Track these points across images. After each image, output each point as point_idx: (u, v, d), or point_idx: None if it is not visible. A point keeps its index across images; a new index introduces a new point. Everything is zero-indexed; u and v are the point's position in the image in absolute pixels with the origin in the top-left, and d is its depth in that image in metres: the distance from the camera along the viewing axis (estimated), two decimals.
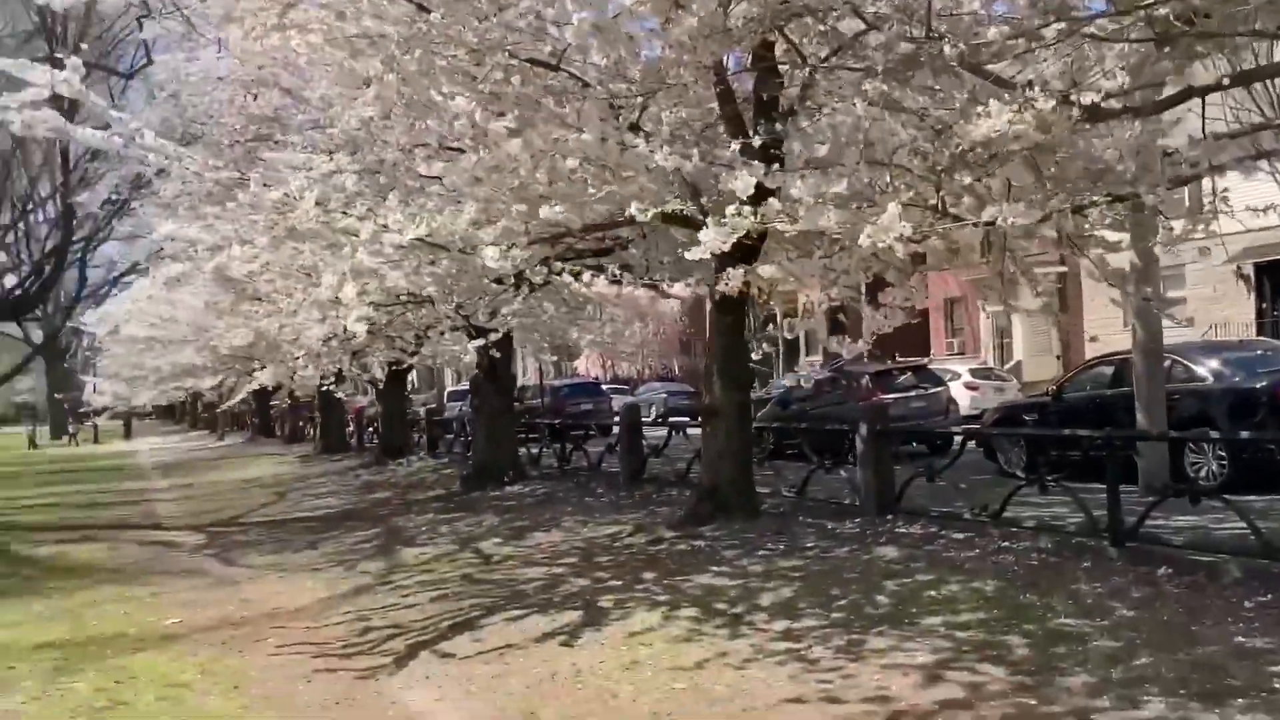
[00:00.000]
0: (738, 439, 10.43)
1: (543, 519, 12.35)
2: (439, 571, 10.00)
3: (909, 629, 6.45)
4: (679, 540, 9.77)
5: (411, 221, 8.47)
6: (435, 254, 10.36)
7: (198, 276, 13.24)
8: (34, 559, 13.15)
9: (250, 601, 9.56)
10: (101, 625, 8.71)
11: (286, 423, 36.06)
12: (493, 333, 11.77)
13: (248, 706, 6.10)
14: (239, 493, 20.69)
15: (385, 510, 15.23)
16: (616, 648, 6.75)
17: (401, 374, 22.41)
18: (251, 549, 12.99)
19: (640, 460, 14.41)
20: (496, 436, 16.27)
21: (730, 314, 10.38)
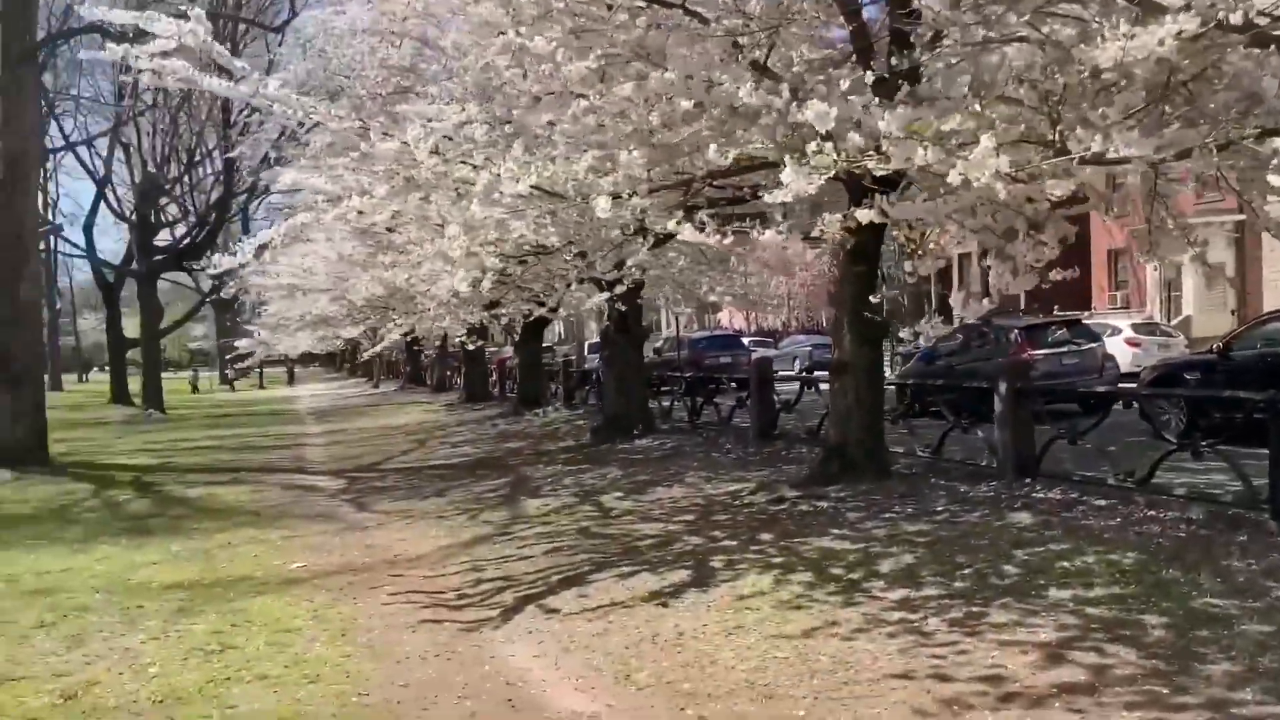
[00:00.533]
0: (868, 395, 9.98)
1: (666, 473, 12.18)
2: (557, 524, 9.95)
3: (1035, 603, 6.00)
4: (801, 500, 9.44)
5: (526, 170, 8.33)
6: (554, 203, 10.22)
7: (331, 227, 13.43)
8: (184, 499, 13.73)
9: (374, 548, 9.69)
10: (231, 567, 8.96)
11: (435, 372, 36.91)
12: (618, 285, 11.58)
13: (349, 655, 6.11)
14: (383, 439, 21.25)
15: (516, 460, 15.34)
16: (722, 611, 6.51)
17: (539, 326, 22.56)
18: (385, 495, 13.25)
19: (771, 416, 14.07)
20: (626, 389, 16.16)
21: (861, 264, 9.90)
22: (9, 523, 12.11)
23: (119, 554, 9.81)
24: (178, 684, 5.62)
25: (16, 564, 9.47)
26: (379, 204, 8.74)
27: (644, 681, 5.43)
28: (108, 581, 8.54)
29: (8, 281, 18.66)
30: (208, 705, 5.26)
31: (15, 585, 8.56)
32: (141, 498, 14.26)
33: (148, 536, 10.78)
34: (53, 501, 13.91)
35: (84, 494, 14.78)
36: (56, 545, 10.40)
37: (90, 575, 8.82)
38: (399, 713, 5.10)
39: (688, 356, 27.07)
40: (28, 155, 18.66)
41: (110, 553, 9.90)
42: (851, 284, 9.93)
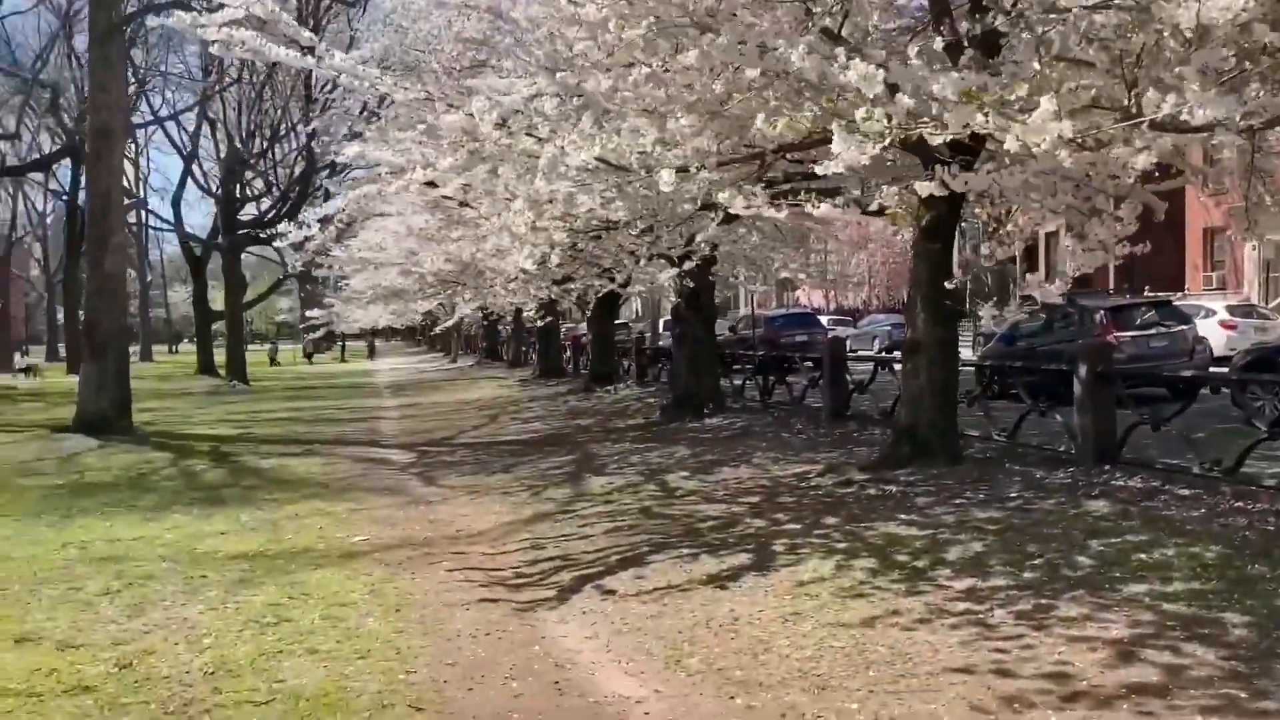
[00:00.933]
0: (941, 376, 9.69)
1: (734, 454, 12.01)
2: (619, 502, 9.84)
3: (1108, 596, 5.72)
4: (870, 484, 9.20)
5: (590, 142, 8.18)
6: (620, 177, 10.07)
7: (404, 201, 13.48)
8: (257, 470, 13.93)
9: (437, 522, 9.69)
10: (295, 539, 9.02)
11: (510, 347, 37.12)
12: (687, 260, 11.42)
13: (401, 631, 6.07)
14: (455, 413, 21.39)
15: (584, 437, 15.28)
16: (780, 597, 6.34)
17: (612, 302, 22.46)
18: (453, 469, 13.29)
19: (844, 396, 13.80)
20: (697, 367, 15.98)
21: (936, 240, 9.59)
22: (89, 490, 12.40)
23: (189, 523, 9.96)
24: (230, 656, 5.63)
25: (91, 531, 9.66)
26: (442, 176, 8.67)
27: (695, 667, 5.29)
28: (175, 550, 8.65)
29: (94, 253, 19.12)
30: (256, 678, 5.25)
31: (87, 552, 8.71)
32: (217, 467, 14.51)
33: (219, 506, 10.93)
34: (132, 469, 14.22)
35: (162, 463, 15.09)
36: (131, 513, 10.60)
37: (159, 544, 8.95)
38: (444, 692, 5.03)
39: (763, 334, 26.74)
40: (114, 129, 19.04)
41: (181, 521, 10.06)
42: (926, 262, 9.62)
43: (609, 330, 23.55)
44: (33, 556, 8.50)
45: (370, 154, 9.49)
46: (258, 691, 5.05)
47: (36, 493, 12.32)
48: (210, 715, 4.77)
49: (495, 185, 10.33)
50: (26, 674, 5.40)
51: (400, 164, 9.39)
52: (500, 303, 14.89)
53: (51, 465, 15.01)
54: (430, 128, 9.01)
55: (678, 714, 4.72)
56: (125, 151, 50.56)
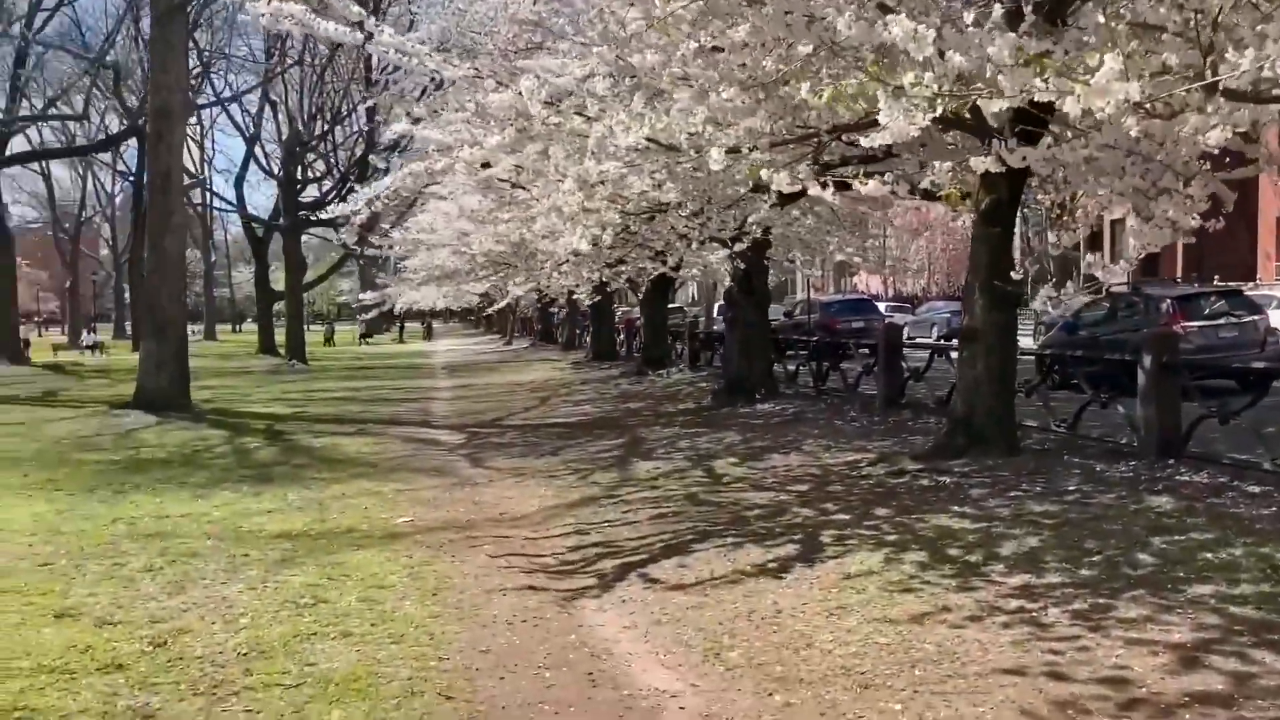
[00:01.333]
0: (998, 364, 9.39)
1: (784, 440, 11.80)
2: (665, 488, 9.69)
3: (1170, 597, 5.46)
4: (922, 474, 8.95)
5: (639, 121, 8.01)
6: (670, 157, 9.88)
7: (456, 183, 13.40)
8: (309, 449, 13.99)
9: (481, 505, 9.62)
10: (340, 519, 8.99)
11: (564, 330, 37.11)
12: (737, 243, 11.20)
13: (437, 615, 5.98)
14: (508, 395, 21.39)
15: (633, 420, 15.15)
16: (826, 590, 6.14)
17: (665, 286, 22.29)
18: (501, 451, 13.24)
19: (898, 384, 13.51)
20: (750, 351, 15.76)
21: (995, 224, 9.28)
22: (143, 466, 12.52)
23: (237, 500, 10.00)
24: (264, 637, 5.58)
25: (141, 507, 9.73)
26: (489, 154, 8.55)
27: (734, 661, 5.13)
28: (221, 528, 8.67)
29: (154, 232, 19.34)
30: (288, 660, 5.18)
31: (135, 528, 8.76)
32: (269, 446, 14.60)
33: (268, 484, 10.97)
34: (187, 446, 14.35)
35: (217, 440, 15.23)
36: (182, 490, 10.67)
37: (206, 521, 8.98)
38: (475, 680, 4.92)
39: (818, 320, 26.43)
40: (173, 110, 19.20)
41: (229, 499, 10.10)
42: (984, 246, 9.32)
43: (662, 314, 23.38)
44: (82, 531, 8.56)
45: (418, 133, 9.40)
46: (288, 674, 4.98)
47: (93, 468, 12.47)
48: (238, 697, 4.71)
49: (545, 166, 10.20)
50: (63, 650, 5.39)
51: (449, 143, 9.28)
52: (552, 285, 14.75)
53: (109, 441, 15.21)
54: (480, 107, 8.87)
55: (713, 710, 4.56)
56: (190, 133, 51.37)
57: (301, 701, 4.64)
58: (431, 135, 9.49)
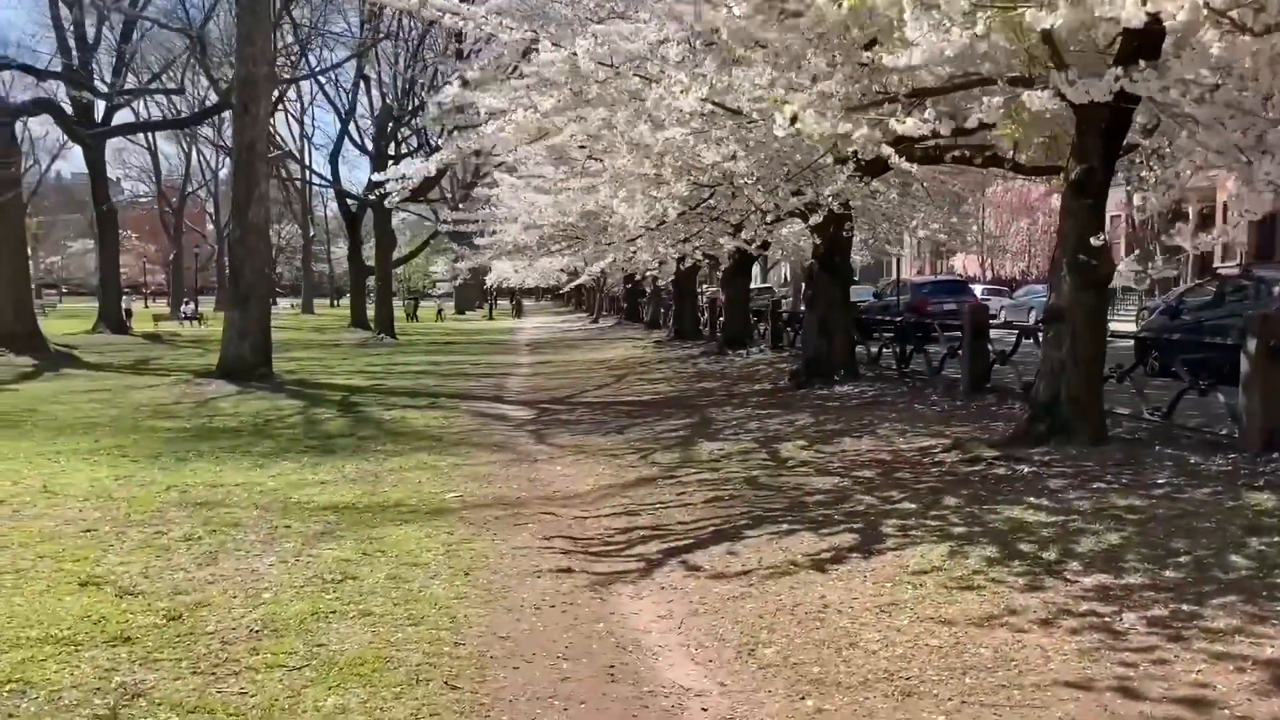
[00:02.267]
0: (1086, 347, 8.74)
1: (858, 424, 11.27)
2: (725, 470, 9.28)
3: (1266, 606, 4.88)
4: (999, 462, 8.38)
5: (699, 82, 7.58)
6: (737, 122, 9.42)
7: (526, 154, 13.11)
8: (378, 421, 13.90)
9: (536, 482, 9.33)
10: (391, 493, 8.79)
11: (649, 308, 36.78)
12: (813, 215, 10.69)
13: (463, 597, 5.69)
14: (585, 372, 21.15)
15: (705, 400, 14.74)
16: (880, 584, 5.69)
17: (747, 264, 21.79)
18: (567, 428, 12.96)
19: (984, 367, 12.84)
20: (829, 331, 15.18)
21: (1086, 196, 8.61)
22: (212, 434, 12.56)
23: (294, 471, 9.89)
24: (281, 614, 5.35)
25: (199, 475, 9.68)
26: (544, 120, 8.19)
27: (769, 659, 4.72)
28: (271, 498, 8.54)
29: (239, 204, 19.50)
30: (299, 640, 4.93)
31: (186, 496, 8.68)
32: (341, 417, 14.56)
33: (328, 456, 10.86)
34: (260, 416, 14.40)
35: (291, 410, 15.26)
36: (243, 459, 10.62)
37: (258, 491, 8.86)
38: (487, 669, 4.60)
39: (909, 301, 25.62)
40: (258, 81, 19.30)
41: (287, 469, 10.00)
42: (1073, 220, 8.66)
43: (743, 292, 22.85)
44: (133, 498, 8.51)
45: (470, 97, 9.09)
46: (294, 654, 4.73)
47: (163, 435, 12.55)
48: (237, 677, 4.46)
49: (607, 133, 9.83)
50: (77, 619, 5.23)
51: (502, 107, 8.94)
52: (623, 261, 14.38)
53: (186, 409, 15.37)
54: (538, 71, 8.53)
55: (738, 713, 4.17)
56: (290, 109, 52.17)
57: (300, 685, 4.38)
58: (487, 100, 9.17)
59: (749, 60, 9.44)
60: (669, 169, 11.18)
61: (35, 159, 58.35)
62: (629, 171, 9.96)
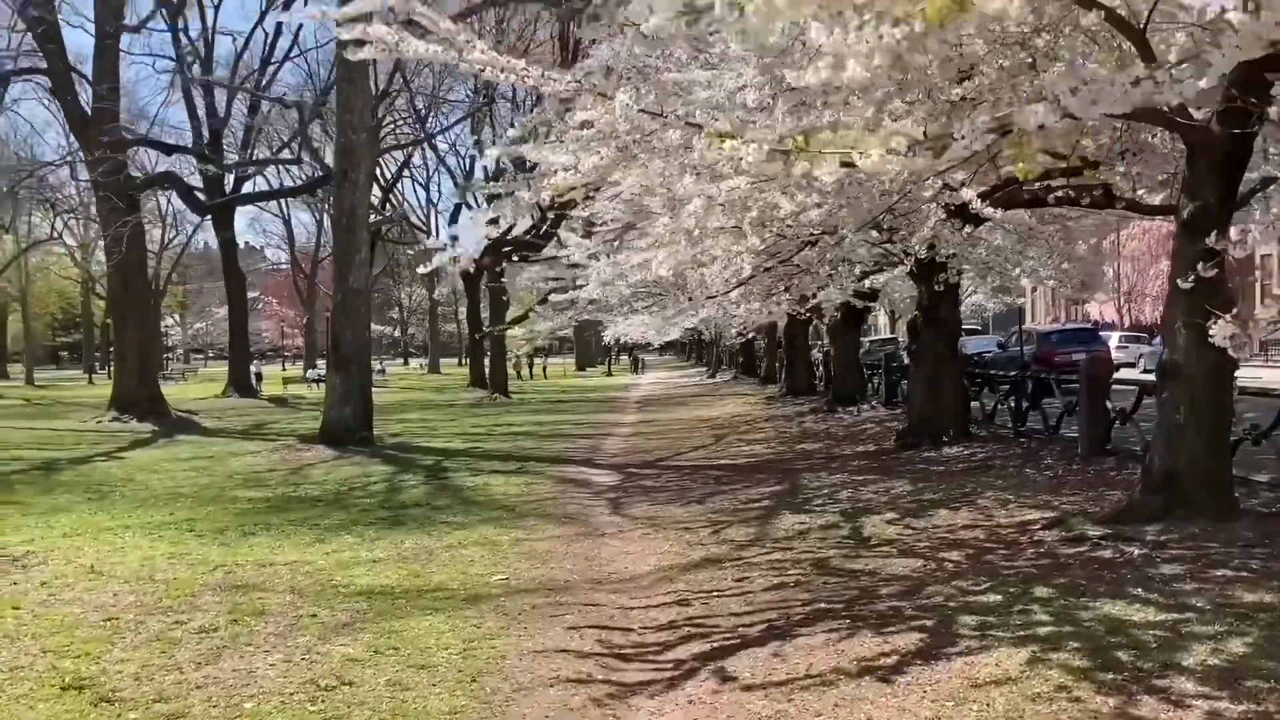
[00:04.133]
0: (1208, 409, 7.67)
1: (959, 492, 10.28)
2: (798, 550, 8.44)
3: None
4: (1106, 542, 7.34)
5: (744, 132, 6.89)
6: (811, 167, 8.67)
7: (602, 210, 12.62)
8: (458, 489, 13.47)
9: (593, 561, 8.66)
10: (437, 574, 8.24)
11: (764, 362, 35.93)
12: (898, 266, 9.84)
13: (457, 712, 5.03)
14: (685, 433, 20.45)
15: (802, 464, 13.86)
16: (940, 701, 4.81)
17: (856, 316, 20.84)
18: (648, 496, 12.28)
19: (1103, 427, 11.67)
20: (937, 388, 14.18)
21: (1199, 237, 7.58)
22: (288, 506, 12.31)
23: (351, 547, 9.48)
24: None
25: (255, 552, 9.37)
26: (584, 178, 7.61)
27: None
28: (313, 580, 8.12)
29: (340, 269, 19.59)
30: None
31: (230, 577, 8.33)
32: (424, 484, 14.18)
33: (394, 529, 10.45)
34: (345, 484, 14.17)
35: (378, 477, 14.99)
36: (308, 533, 10.30)
37: (304, 571, 8.45)
38: None
39: (1034, 352, 24.17)
40: (356, 149, 19.43)
41: (345, 544, 9.62)
42: (1187, 265, 7.63)
43: (853, 346, 21.89)
44: (175, 580, 8.18)
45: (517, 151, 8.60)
46: None
47: (242, 506, 12.35)
48: None
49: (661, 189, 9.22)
50: None
51: (562, 163, 8.42)
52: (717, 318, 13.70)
53: (278, 477, 15.25)
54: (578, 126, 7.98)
55: None
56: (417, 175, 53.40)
57: None
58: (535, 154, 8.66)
59: (829, 103, 8.72)
60: (746, 222, 10.52)
61: (179, 228, 61.41)
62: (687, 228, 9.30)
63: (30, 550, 9.56)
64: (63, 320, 76.81)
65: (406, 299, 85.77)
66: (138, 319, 27.84)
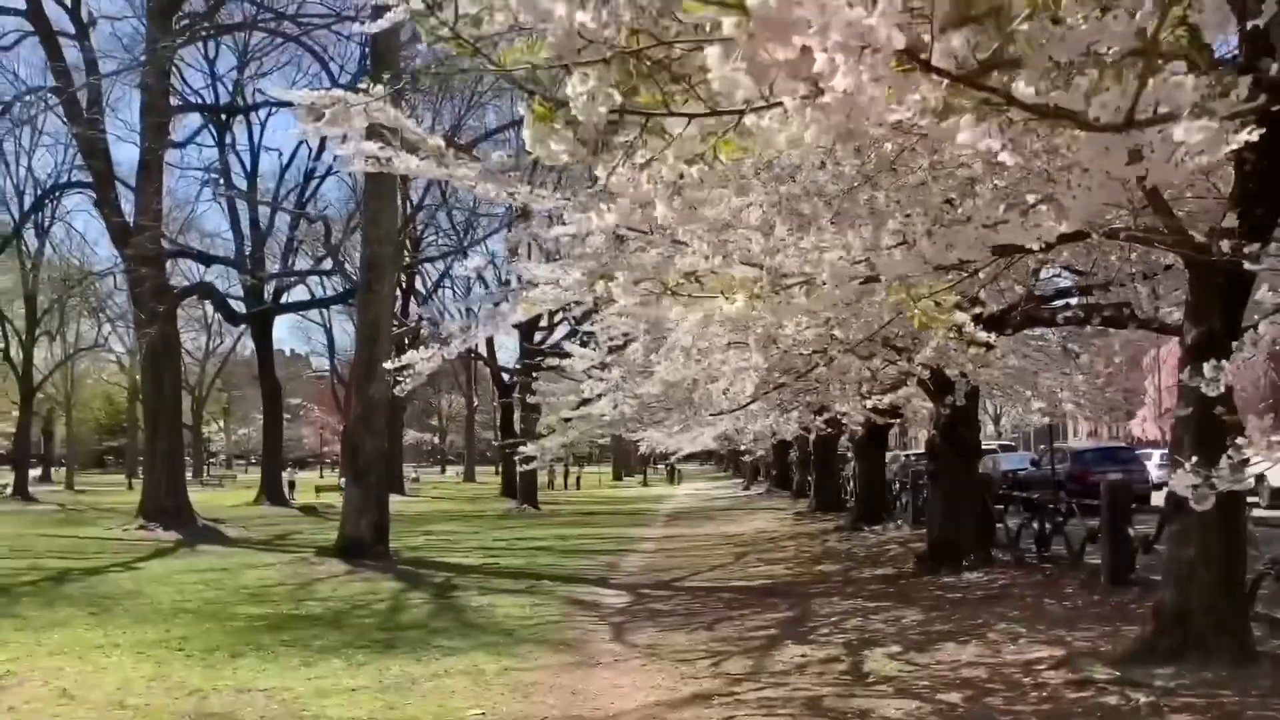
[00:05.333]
0: (1219, 544, 7.27)
1: (970, 624, 9.82)
2: (792, 687, 8.02)
3: None
4: (1113, 686, 6.90)
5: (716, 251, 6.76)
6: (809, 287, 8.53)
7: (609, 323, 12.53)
8: (461, 610, 13.14)
9: (579, 696, 8.29)
10: (413, 706, 7.93)
11: (797, 475, 35.38)
12: (901, 388, 9.59)
13: None
14: (708, 549, 20.01)
15: (817, 588, 13.41)
16: None
17: (880, 432, 20.47)
18: (654, 621, 11.89)
19: (1125, 556, 11.17)
20: (955, 509, 13.75)
21: (1208, 354, 7.27)
22: (286, 625, 12.06)
23: (334, 674, 9.20)
24: None
25: (237, 675, 9.15)
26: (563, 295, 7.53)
27: None
28: (284, 710, 7.88)
29: (360, 379, 19.63)
30: None
31: (204, 704, 8.11)
32: (429, 603, 13.87)
33: (384, 654, 10.15)
34: (349, 601, 13.92)
35: (385, 595, 14.70)
36: (298, 654, 10.05)
37: (279, 699, 8.19)
38: None
39: (1069, 471, 23.57)
40: (383, 261, 19.65)
41: (330, 670, 9.34)
42: (1193, 392, 7.32)
43: (878, 463, 21.45)
44: (145, 707, 7.98)
45: (519, 268, 8.57)
46: None
47: (238, 625, 12.12)
48: None
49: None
50: None
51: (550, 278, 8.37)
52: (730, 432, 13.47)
53: (285, 591, 15.04)
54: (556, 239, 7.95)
55: None
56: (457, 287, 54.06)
57: None
58: (534, 271, 8.62)
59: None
60: (751, 339, 10.37)
61: (222, 335, 62.46)
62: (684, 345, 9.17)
63: (10, 670, 9.37)
64: (108, 424, 77.86)
65: (446, 406, 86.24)
66: (168, 427, 28.03)
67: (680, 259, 5.72)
